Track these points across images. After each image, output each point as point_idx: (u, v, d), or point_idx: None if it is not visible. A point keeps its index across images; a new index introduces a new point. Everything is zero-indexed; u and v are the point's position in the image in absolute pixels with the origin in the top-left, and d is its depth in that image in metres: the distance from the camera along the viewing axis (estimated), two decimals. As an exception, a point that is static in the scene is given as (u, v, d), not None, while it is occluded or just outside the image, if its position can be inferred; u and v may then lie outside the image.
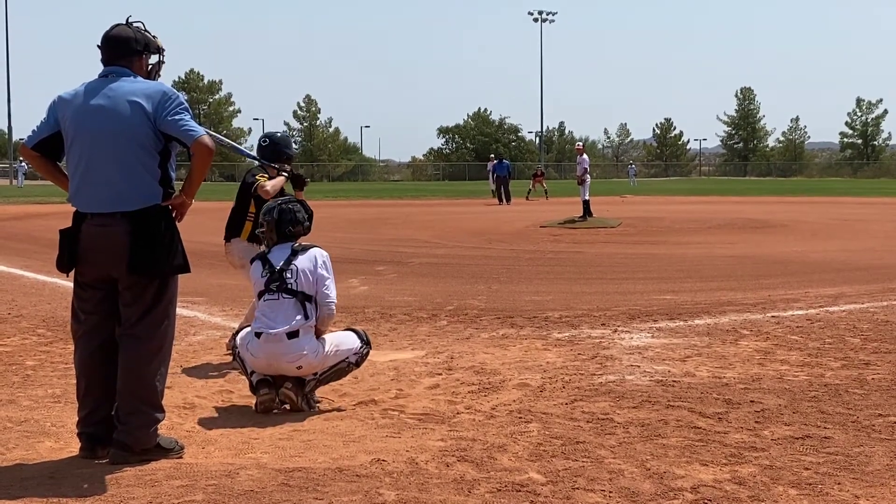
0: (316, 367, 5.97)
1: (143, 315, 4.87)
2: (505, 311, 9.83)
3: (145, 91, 4.84)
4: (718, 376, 6.70)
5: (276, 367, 5.90)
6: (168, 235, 4.87)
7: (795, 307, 9.84)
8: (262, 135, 7.71)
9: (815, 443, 5.06)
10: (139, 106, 4.78)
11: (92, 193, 4.83)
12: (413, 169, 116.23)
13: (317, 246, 6.15)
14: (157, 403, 4.91)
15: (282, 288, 5.92)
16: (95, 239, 4.82)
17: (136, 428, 4.79)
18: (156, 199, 4.84)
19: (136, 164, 4.79)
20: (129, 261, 4.75)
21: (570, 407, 5.89)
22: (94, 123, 4.80)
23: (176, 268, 4.93)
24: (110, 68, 4.95)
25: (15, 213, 31.03)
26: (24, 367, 7.20)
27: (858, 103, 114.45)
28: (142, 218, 4.79)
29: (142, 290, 4.86)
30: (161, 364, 4.95)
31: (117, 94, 4.82)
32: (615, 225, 23.52)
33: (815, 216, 27.59)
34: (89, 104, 4.83)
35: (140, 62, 5.04)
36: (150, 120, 4.78)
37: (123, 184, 4.78)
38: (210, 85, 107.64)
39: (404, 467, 4.69)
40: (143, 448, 4.81)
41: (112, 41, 4.97)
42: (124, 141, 4.77)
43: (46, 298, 10.86)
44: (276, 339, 5.83)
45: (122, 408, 4.82)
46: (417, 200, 44.18)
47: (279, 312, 5.89)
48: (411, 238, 20.37)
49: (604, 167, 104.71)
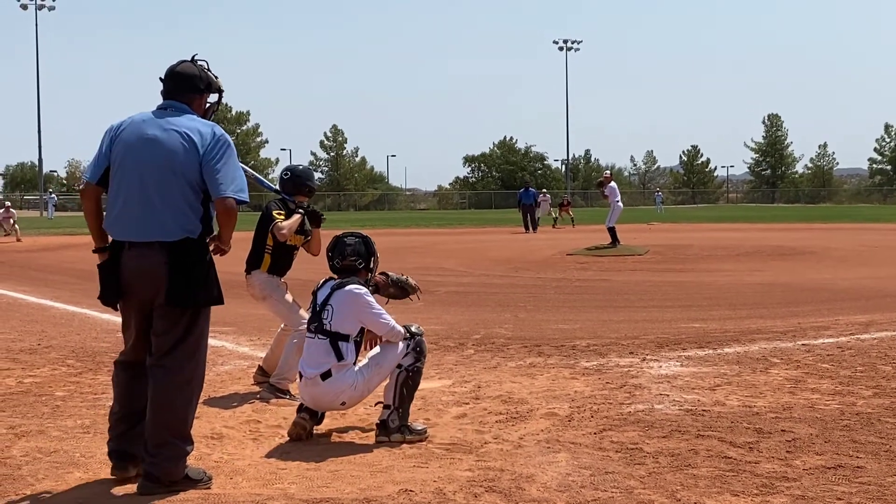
0: (363, 395, 5.97)
1: (174, 346, 4.89)
2: (532, 339, 9.79)
3: (200, 129, 4.88)
4: (749, 405, 6.64)
5: (320, 406, 5.95)
6: (204, 267, 4.91)
7: (826, 335, 9.74)
8: (284, 168, 7.75)
9: (847, 472, 5.00)
10: (191, 142, 4.82)
11: (133, 222, 4.86)
12: (439, 198, 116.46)
13: (354, 282, 6.01)
14: (186, 435, 4.93)
15: (319, 329, 5.92)
16: (134, 269, 4.86)
17: (164, 460, 4.81)
18: (194, 233, 4.88)
19: (179, 198, 4.83)
20: (167, 291, 4.79)
21: (598, 436, 5.84)
22: (144, 154, 4.84)
23: (211, 299, 4.96)
24: (169, 102, 5.02)
25: (45, 245, 31.35)
26: (54, 398, 7.24)
27: (887, 129, 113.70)
28: (179, 249, 4.82)
29: (175, 321, 4.88)
30: (192, 395, 4.96)
31: (171, 127, 4.87)
32: (642, 252, 23.41)
33: (845, 243, 27.36)
34: (144, 134, 4.88)
35: (200, 100, 5.10)
36: (199, 158, 4.82)
37: (166, 215, 4.82)
38: (238, 116, 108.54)
39: (432, 498, 4.66)
40: (172, 480, 4.82)
41: (177, 77, 5.04)
42: (171, 174, 4.81)
43: (76, 329, 10.92)
44: (313, 383, 5.86)
45: (151, 439, 4.84)
46: (443, 229, 44.25)
47: (315, 354, 5.90)
48: (437, 267, 20.37)
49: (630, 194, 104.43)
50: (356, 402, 6.04)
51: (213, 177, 4.82)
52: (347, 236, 6.21)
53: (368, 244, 6.20)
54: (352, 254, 6.11)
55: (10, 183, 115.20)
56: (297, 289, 7.59)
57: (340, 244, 6.16)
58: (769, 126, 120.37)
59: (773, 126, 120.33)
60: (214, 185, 4.82)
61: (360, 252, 6.13)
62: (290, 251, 7.37)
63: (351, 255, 6.11)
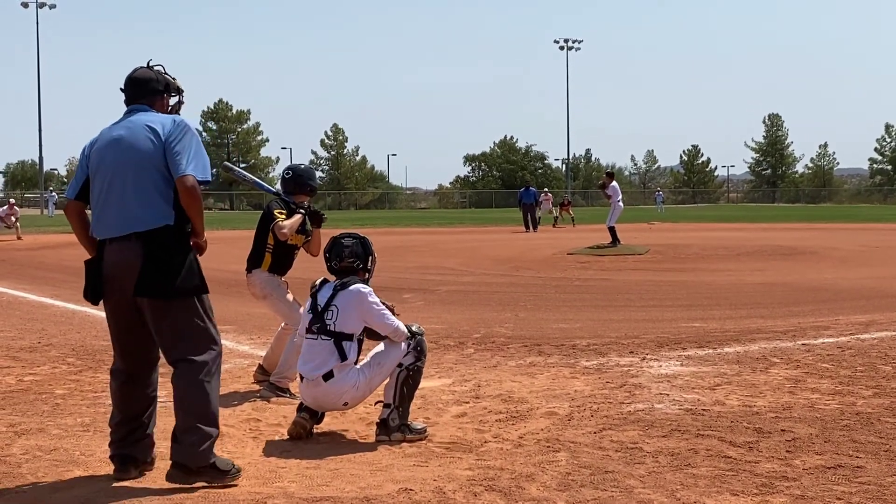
0: (363, 395, 5.96)
1: (176, 340, 4.93)
2: (532, 338, 9.80)
3: (161, 120, 5.03)
4: (749, 405, 6.64)
5: (322, 406, 5.95)
6: (182, 257, 4.93)
7: (826, 335, 9.74)
8: (286, 167, 7.76)
9: (847, 472, 5.00)
10: (154, 132, 4.95)
11: (108, 219, 4.96)
12: (439, 197, 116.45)
13: (357, 282, 6.03)
14: (211, 419, 4.95)
15: (322, 330, 5.92)
16: (114, 263, 4.93)
17: (191, 445, 4.85)
18: (167, 220, 4.92)
19: (150, 187, 4.92)
20: (137, 281, 4.84)
21: (598, 436, 5.85)
22: (113, 153, 4.99)
23: (189, 289, 4.95)
24: (132, 106, 5.16)
25: (45, 243, 31.35)
26: (54, 396, 7.25)
27: (887, 129, 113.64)
28: (155, 238, 4.87)
29: (164, 313, 4.91)
30: (211, 380, 4.98)
31: (135, 124, 5.02)
32: (643, 252, 23.41)
33: (845, 243, 27.35)
34: (110, 136, 5.06)
35: (162, 102, 5.24)
36: (163, 145, 4.93)
37: (137, 206, 4.90)
38: (238, 115, 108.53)
39: (432, 497, 4.67)
40: (200, 466, 4.84)
41: (134, 82, 5.20)
42: (140, 167, 4.92)
43: (76, 327, 10.93)
44: (315, 384, 5.86)
45: (178, 427, 4.91)
46: (444, 228, 44.24)
47: (316, 355, 5.89)
48: (438, 266, 20.36)
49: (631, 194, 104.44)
50: (358, 402, 6.04)
51: (174, 158, 4.91)
52: (344, 237, 6.21)
53: (366, 245, 6.20)
54: (349, 255, 6.11)
55: (10, 181, 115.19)
56: (297, 288, 7.59)
57: (338, 246, 6.15)
58: (770, 126, 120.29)
59: (774, 126, 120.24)
60: (175, 166, 4.90)
61: (357, 253, 6.13)
62: (291, 250, 7.38)
63: (349, 256, 6.11)
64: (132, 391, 5.08)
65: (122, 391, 5.09)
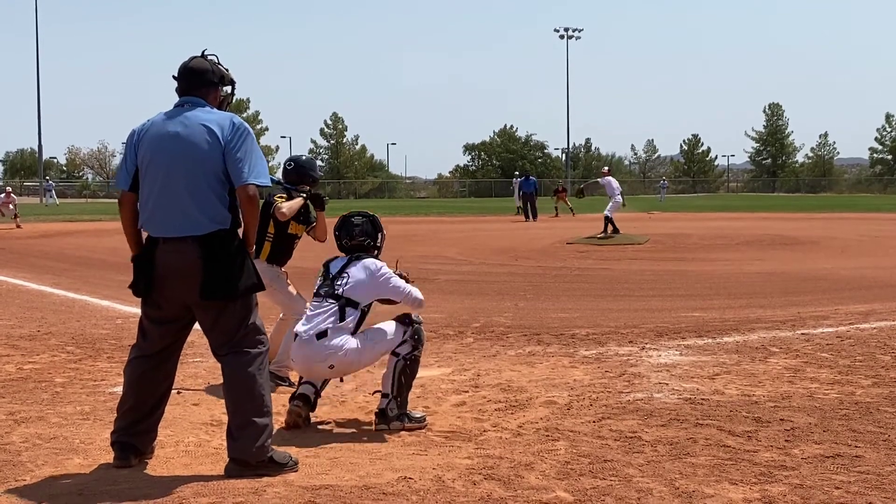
0: (352, 365, 5.92)
1: (229, 337, 4.96)
2: (532, 328, 9.80)
3: (219, 120, 4.95)
4: (748, 394, 6.65)
5: (309, 369, 5.91)
6: (239, 258, 4.94)
7: (825, 324, 9.75)
8: (288, 158, 7.76)
9: (845, 461, 5.00)
10: (213, 133, 4.88)
11: (165, 218, 4.91)
12: (439, 186, 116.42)
13: (370, 256, 6.11)
14: (265, 411, 4.96)
15: (330, 293, 5.92)
16: (169, 264, 4.91)
17: (247, 439, 4.87)
18: (224, 223, 4.91)
19: (206, 189, 4.87)
20: (202, 285, 4.84)
21: (597, 425, 5.85)
22: (169, 150, 4.91)
23: (249, 288, 4.98)
24: (186, 98, 5.08)
25: (45, 231, 31.35)
26: (54, 385, 7.25)
27: (888, 119, 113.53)
28: (212, 242, 4.86)
29: (219, 314, 4.94)
30: (261, 373, 5.01)
31: (192, 122, 4.94)
32: (642, 241, 23.42)
33: (845, 232, 27.36)
34: (166, 131, 4.95)
35: (215, 93, 5.17)
36: (221, 148, 4.88)
37: (195, 208, 4.86)
38: (238, 103, 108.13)
39: (431, 485, 4.67)
40: (258, 461, 4.86)
41: (190, 72, 5.10)
42: (197, 167, 4.87)
43: (76, 316, 10.92)
44: (308, 342, 5.82)
45: (233, 423, 4.93)
46: (443, 217, 44.25)
47: (317, 315, 5.89)
48: (437, 255, 20.37)
49: (631, 183, 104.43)
50: (343, 372, 6.00)
51: (235, 165, 4.88)
52: (354, 216, 6.25)
53: (375, 222, 6.26)
54: (360, 234, 6.17)
55: (9, 169, 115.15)
56: (297, 277, 7.59)
57: (348, 224, 6.20)
58: (770, 115, 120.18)
59: (774, 115, 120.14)
60: (237, 174, 4.88)
61: (367, 231, 6.19)
62: (291, 240, 7.37)
63: (359, 235, 6.16)
64: (153, 377, 5.10)
65: (142, 378, 5.09)
